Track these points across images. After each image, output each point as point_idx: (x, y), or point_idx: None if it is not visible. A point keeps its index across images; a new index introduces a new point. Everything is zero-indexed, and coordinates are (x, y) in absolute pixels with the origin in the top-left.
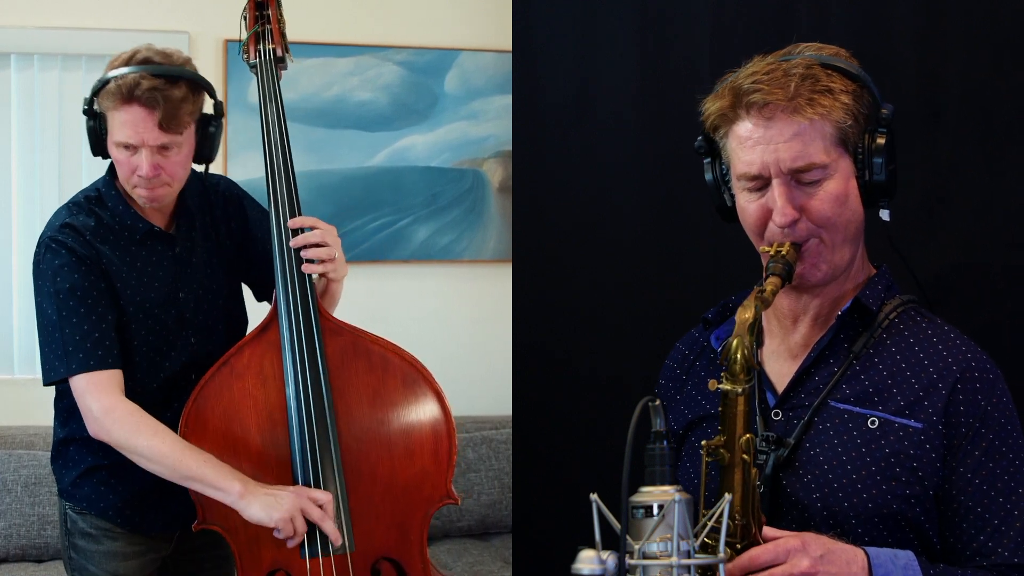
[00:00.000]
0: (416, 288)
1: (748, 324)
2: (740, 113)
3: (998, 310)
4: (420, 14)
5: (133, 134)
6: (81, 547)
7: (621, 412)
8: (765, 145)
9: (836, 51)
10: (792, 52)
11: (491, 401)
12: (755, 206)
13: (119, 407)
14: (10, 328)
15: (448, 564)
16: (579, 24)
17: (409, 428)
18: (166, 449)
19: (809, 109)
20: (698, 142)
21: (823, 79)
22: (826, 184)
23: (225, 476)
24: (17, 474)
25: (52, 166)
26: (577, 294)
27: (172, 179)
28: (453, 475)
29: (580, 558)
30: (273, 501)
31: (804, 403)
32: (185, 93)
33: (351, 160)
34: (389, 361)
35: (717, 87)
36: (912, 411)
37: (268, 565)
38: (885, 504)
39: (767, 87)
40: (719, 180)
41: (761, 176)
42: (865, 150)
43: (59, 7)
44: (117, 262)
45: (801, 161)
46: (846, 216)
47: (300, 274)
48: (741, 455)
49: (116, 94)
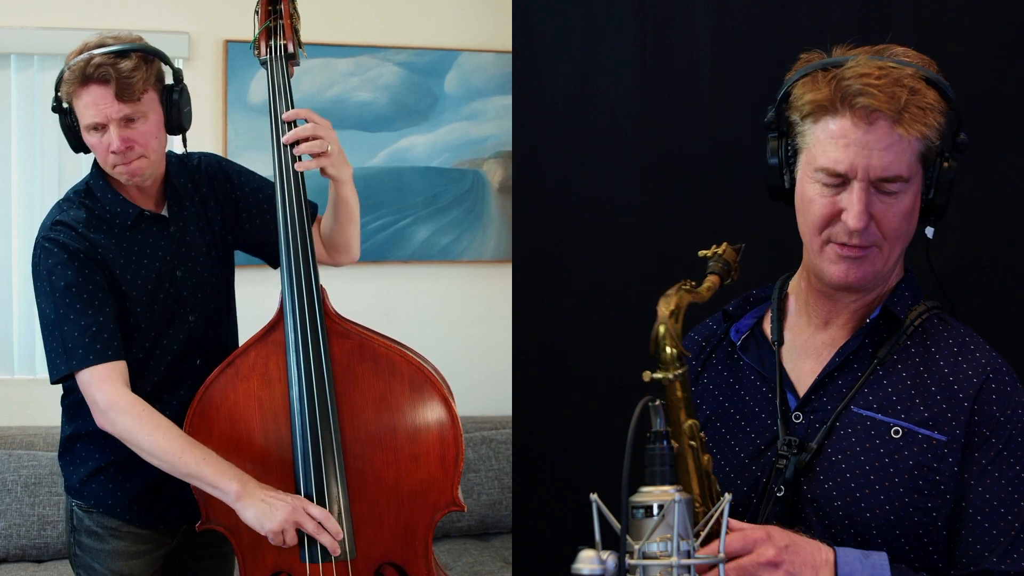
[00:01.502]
0: (416, 288)
1: (670, 311)
2: (841, 109)
3: (998, 309)
4: (420, 14)
5: (96, 112)
6: (87, 545)
7: (621, 412)
8: (859, 148)
9: (929, 62)
10: (884, 53)
11: (491, 401)
12: (827, 201)
13: (123, 400)
14: (10, 328)
15: (448, 564)
16: (579, 24)
17: (415, 433)
18: (167, 445)
19: (913, 125)
20: (769, 116)
21: (928, 96)
22: (901, 197)
23: (224, 476)
24: (17, 474)
25: (52, 166)
26: (577, 294)
27: (146, 149)
28: (460, 482)
29: (580, 558)
30: (267, 510)
31: (826, 407)
32: (136, 63)
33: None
34: (396, 365)
35: (807, 69)
36: (936, 423)
37: (271, 567)
38: (907, 516)
39: (877, 92)
40: (783, 160)
41: (845, 176)
42: (937, 170)
43: (59, 7)
44: (114, 249)
45: (890, 172)
46: (910, 231)
47: (308, 268)
48: (688, 442)
49: (72, 79)
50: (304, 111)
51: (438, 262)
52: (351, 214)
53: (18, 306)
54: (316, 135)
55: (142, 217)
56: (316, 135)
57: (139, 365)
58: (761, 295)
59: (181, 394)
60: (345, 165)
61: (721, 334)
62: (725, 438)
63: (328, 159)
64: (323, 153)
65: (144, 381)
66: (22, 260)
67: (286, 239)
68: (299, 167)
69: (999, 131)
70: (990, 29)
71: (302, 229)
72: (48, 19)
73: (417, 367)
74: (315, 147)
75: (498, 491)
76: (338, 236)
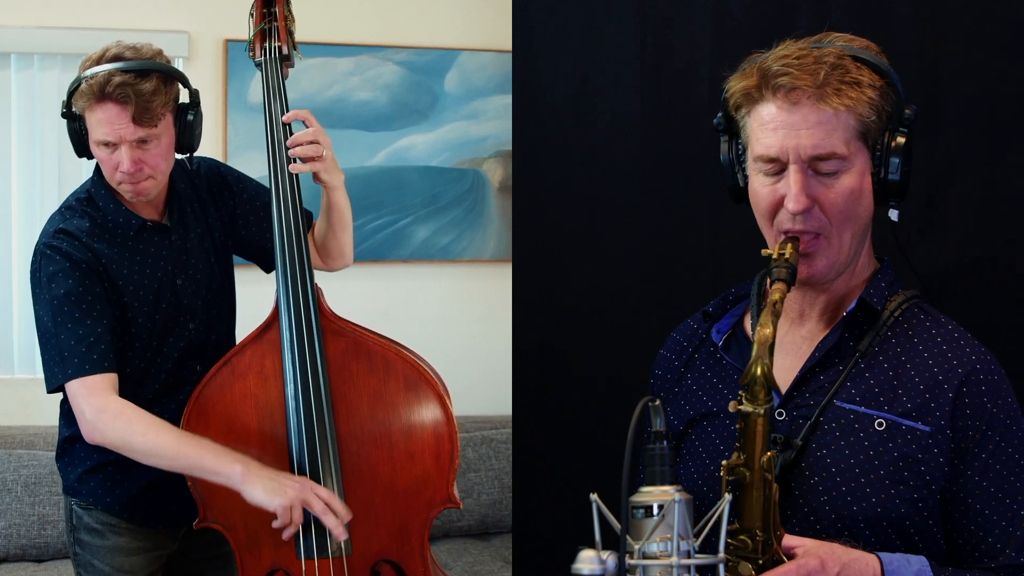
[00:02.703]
0: (416, 288)
1: (769, 344)
2: (765, 94)
3: (998, 309)
4: (420, 14)
5: (110, 131)
6: (86, 542)
7: (621, 412)
8: (787, 130)
9: (866, 44)
10: (823, 40)
11: (491, 401)
12: (768, 190)
13: (111, 406)
14: (10, 328)
15: (448, 564)
16: (579, 24)
17: (410, 430)
18: (162, 441)
19: (836, 99)
20: (717, 119)
21: (853, 71)
22: (842, 177)
23: (225, 460)
24: (17, 474)
25: (52, 166)
26: (577, 294)
27: (155, 171)
28: (455, 479)
29: (580, 558)
30: (276, 486)
31: (809, 403)
32: (156, 85)
33: (351, 160)
34: (391, 363)
35: (744, 66)
36: (920, 413)
37: (268, 565)
38: (893, 508)
39: (796, 71)
40: (734, 160)
41: (779, 160)
42: (884, 148)
43: (59, 7)
44: (116, 259)
45: (821, 149)
46: (858, 211)
47: (303, 266)
48: (763, 474)
49: (89, 94)
50: (303, 112)
51: (438, 262)
52: (343, 220)
53: (18, 306)
54: (315, 139)
55: (144, 227)
56: (315, 139)
57: (140, 374)
58: (740, 293)
59: (180, 399)
60: (337, 172)
61: (703, 334)
62: (711, 438)
63: (322, 164)
64: (318, 158)
65: (145, 389)
66: (22, 260)
67: (281, 237)
68: (294, 169)
69: (999, 131)
70: (990, 29)
71: (296, 228)
72: (48, 19)
73: (412, 364)
74: (311, 151)
75: (498, 491)
76: (331, 242)
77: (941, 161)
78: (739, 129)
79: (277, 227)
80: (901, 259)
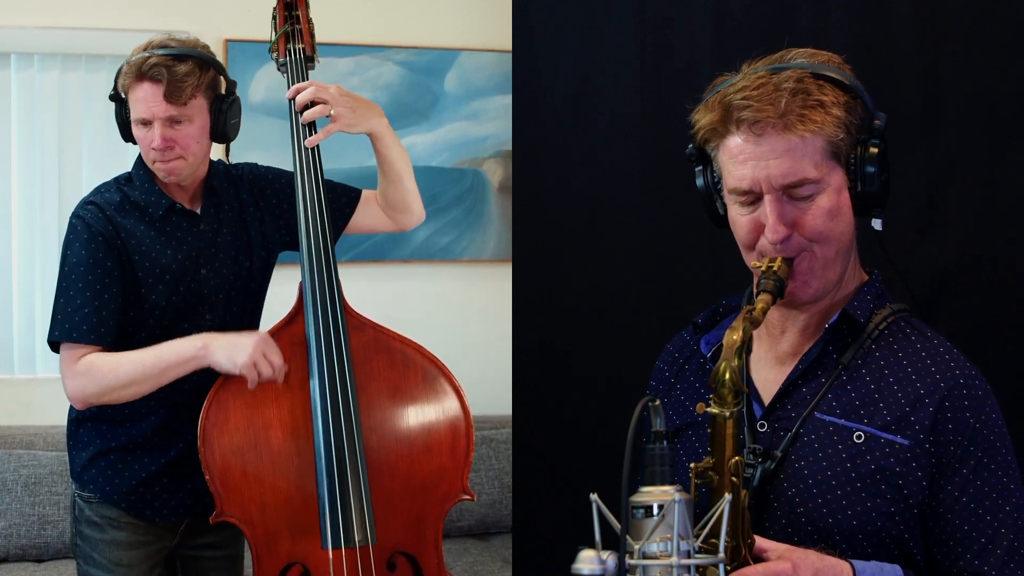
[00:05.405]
0: (416, 288)
1: (736, 347)
2: (731, 128)
3: (997, 309)
4: (420, 14)
5: (144, 109)
6: (87, 535)
7: (621, 412)
8: (756, 161)
9: (828, 58)
10: (784, 59)
11: (491, 401)
12: (747, 220)
13: (80, 366)
14: (10, 328)
15: (448, 564)
16: (579, 24)
17: (429, 424)
18: (128, 368)
19: (800, 126)
20: (689, 150)
21: (814, 92)
22: (818, 199)
23: (184, 344)
24: (17, 474)
25: (52, 166)
26: (577, 294)
27: (186, 151)
28: (469, 471)
29: (580, 558)
30: (233, 348)
31: (791, 415)
32: (191, 68)
33: (351, 160)
34: (410, 358)
35: (706, 97)
36: (899, 427)
37: (284, 558)
38: (869, 521)
39: (757, 104)
40: (711, 188)
41: (752, 191)
42: (857, 160)
43: (59, 7)
44: (138, 234)
45: (792, 177)
46: (839, 229)
47: (327, 260)
48: (730, 477)
49: (129, 73)
50: (306, 83)
51: (438, 261)
52: (395, 170)
53: (18, 306)
54: (318, 98)
55: (173, 209)
56: (318, 98)
57: None
58: (731, 305)
59: (187, 383)
60: (368, 119)
61: (694, 346)
62: (696, 448)
63: (338, 123)
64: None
65: None
66: (22, 260)
67: (306, 232)
68: (308, 143)
69: (999, 131)
70: (990, 29)
71: (322, 222)
72: (48, 19)
73: (431, 359)
74: (316, 113)
75: (498, 491)
76: (392, 195)
77: (941, 161)
78: (711, 159)
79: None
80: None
